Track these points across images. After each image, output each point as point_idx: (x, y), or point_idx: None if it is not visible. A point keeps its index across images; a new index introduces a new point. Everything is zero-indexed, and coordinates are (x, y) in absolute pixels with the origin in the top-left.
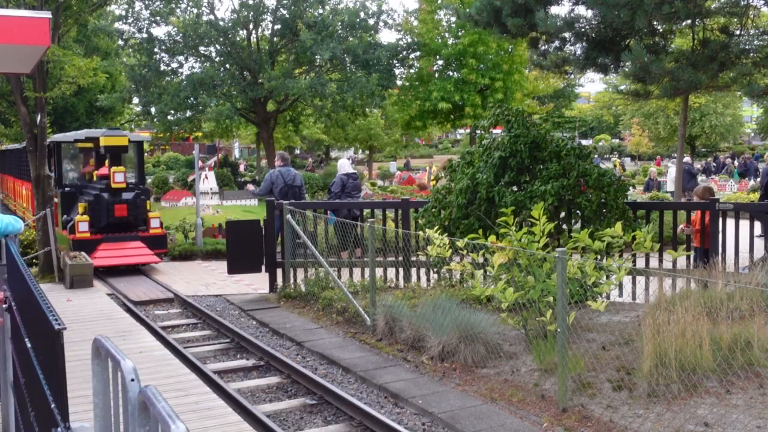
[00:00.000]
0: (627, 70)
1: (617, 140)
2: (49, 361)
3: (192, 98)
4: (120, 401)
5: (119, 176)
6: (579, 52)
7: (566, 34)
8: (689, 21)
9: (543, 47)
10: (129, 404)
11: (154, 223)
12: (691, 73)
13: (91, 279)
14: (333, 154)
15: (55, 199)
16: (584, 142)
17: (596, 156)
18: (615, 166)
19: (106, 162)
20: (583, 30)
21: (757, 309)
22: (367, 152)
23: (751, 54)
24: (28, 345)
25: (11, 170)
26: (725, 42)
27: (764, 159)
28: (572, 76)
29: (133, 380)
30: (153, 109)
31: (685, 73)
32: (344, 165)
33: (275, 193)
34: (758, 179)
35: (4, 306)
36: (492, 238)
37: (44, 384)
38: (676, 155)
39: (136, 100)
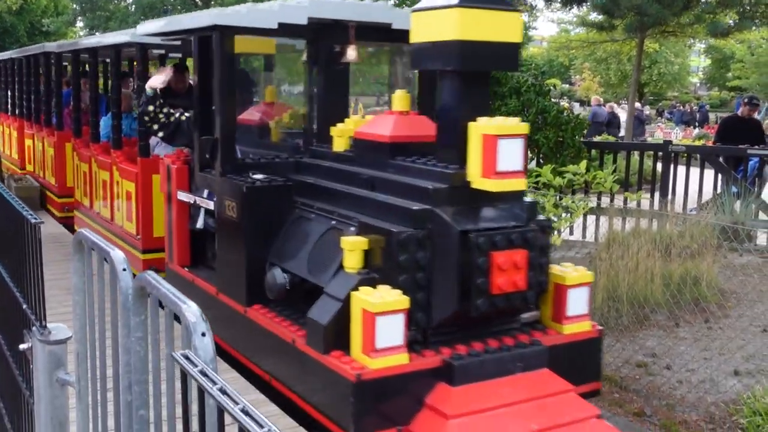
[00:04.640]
0: (596, 1)
1: (567, 85)
2: (21, 261)
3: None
4: (107, 296)
5: (511, 157)
6: None
7: None
8: None
9: None
10: (120, 294)
11: (577, 304)
12: (657, 9)
13: (39, 202)
14: None
15: (203, 226)
16: None
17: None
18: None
19: (398, 104)
20: None
21: (707, 247)
22: None
23: None
24: None
25: None
26: None
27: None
28: (536, 11)
29: (125, 270)
30: (99, 34)
31: (652, 8)
32: None
33: None
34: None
35: None
36: None
37: (12, 285)
38: (625, 101)
39: (80, 23)
